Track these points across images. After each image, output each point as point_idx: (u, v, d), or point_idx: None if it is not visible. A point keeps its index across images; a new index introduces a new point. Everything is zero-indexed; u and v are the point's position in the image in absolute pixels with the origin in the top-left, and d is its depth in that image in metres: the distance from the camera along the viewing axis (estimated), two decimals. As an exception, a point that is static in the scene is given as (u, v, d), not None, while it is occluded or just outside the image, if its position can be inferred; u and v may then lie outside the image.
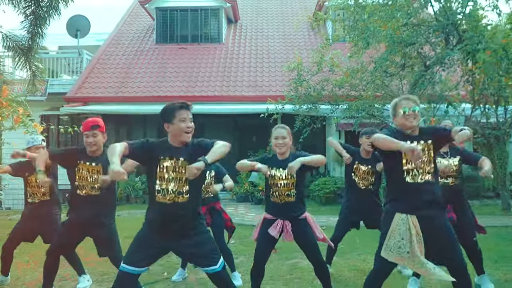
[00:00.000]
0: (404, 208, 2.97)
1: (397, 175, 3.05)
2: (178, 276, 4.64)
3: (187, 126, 2.90)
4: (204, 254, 2.92)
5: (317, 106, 10.08)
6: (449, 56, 7.13)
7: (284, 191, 3.56)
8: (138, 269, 2.86)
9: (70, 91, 12.71)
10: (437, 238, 2.95)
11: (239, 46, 14.94)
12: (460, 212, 3.97)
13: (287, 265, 4.89)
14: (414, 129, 3.07)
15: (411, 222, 2.91)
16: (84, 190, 3.71)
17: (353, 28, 8.58)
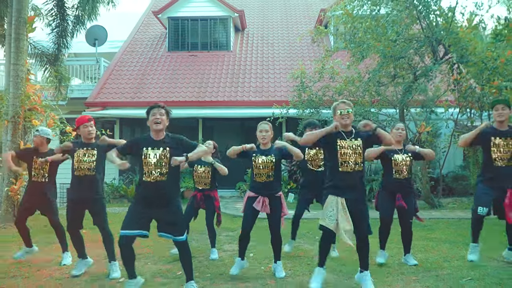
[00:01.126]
0: (336, 192, 3.93)
1: (333, 164, 4.00)
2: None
3: (155, 118, 3.91)
4: (174, 222, 3.89)
5: (319, 110, 10.97)
6: (431, 70, 8.05)
7: (265, 172, 4.55)
8: (132, 231, 3.81)
9: (90, 96, 13.69)
10: (356, 214, 3.90)
11: (246, 54, 15.89)
12: (407, 200, 4.88)
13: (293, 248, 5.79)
14: (347, 126, 4.00)
15: (340, 202, 3.88)
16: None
17: (351, 41, 9.50)
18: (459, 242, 5.93)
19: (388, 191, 4.92)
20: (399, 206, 4.82)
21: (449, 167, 11.91)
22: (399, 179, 4.88)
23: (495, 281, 4.12)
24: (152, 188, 3.86)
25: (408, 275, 4.43)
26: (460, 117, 9.71)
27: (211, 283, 4.37)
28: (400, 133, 4.98)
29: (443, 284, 4.09)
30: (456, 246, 5.77)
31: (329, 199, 3.96)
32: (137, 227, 3.82)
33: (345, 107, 4.00)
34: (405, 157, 4.91)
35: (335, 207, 3.89)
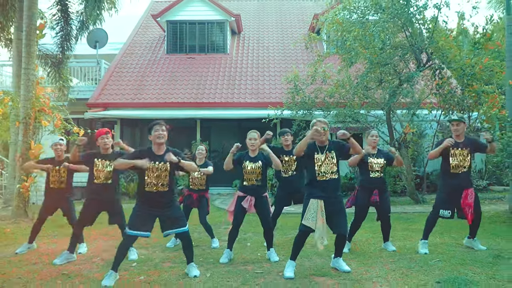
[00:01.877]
0: (316, 196, 4.53)
1: (312, 174, 4.60)
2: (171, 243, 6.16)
3: (158, 133, 4.48)
4: (176, 217, 4.52)
5: (311, 112, 11.60)
6: (414, 76, 8.71)
7: (253, 177, 5.20)
8: (142, 233, 4.42)
9: (91, 97, 14.22)
10: (335, 215, 4.53)
11: (242, 56, 16.50)
12: (382, 196, 5.55)
13: (284, 239, 6.42)
14: (324, 142, 4.61)
15: (319, 205, 4.49)
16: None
17: (341, 48, 10.14)
18: (435, 232, 6.53)
19: (366, 188, 5.57)
20: (374, 200, 5.47)
21: (433, 166, 12.57)
22: (376, 177, 5.55)
23: (459, 261, 4.77)
24: (154, 197, 4.44)
25: (386, 258, 5.07)
26: (443, 118, 10.37)
27: (215, 266, 4.99)
28: (374, 140, 5.68)
29: (415, 265, 4.73)
30: (432, 235, 6.37)
31: (310, 202, 4.57)
32: (144, 229, 4.44)
33: (321, 125, 4.58)
34: (378, 160, 5.58)
35: (315, 209, 4.50)
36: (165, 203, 4.48)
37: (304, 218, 4.56)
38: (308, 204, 4.56)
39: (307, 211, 4.56)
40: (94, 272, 4.81)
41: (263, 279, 4.42)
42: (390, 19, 8.91)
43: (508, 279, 4.12)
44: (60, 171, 5.94)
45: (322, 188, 4.55)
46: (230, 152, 5.21)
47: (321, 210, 4.48)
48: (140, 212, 4.46)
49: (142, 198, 4.49)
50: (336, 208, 4.56)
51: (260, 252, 5.59)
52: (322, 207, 4.49)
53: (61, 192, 5.97)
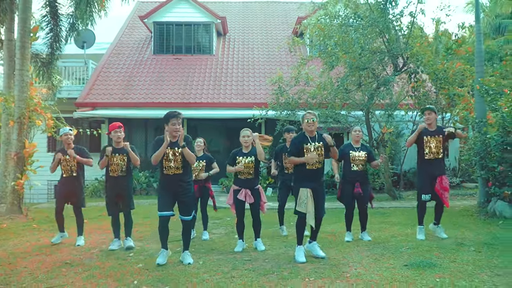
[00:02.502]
0: (305, 185, 5.05)
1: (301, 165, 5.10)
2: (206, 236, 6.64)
3: (175, 128, 4.92)
4: (188, 204, 5.05)
5: (295, 112, 12.11)
6: (389, 80, 9.30)
7: (247, 171, 5.67)
8: (167, 213, 4.96)
9: (79, 97, 14.50)
10: (317, 201, 5.05)
11: (227, 57, 16.93)
12: (363, 188, 6.08)
13: (270, 231, 6.90)
14: (313, 132, 5.08)
15: (309, 193, 5.01)
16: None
17: (323, 52, 10.68)
18: (407, 224, 7.16)
19: (348, 181, 6.08)
20: (357, 192, 5.99)
21: (410, 164, 13.21)
22: (357, 170, 6.06)
23: (426, 249, 5.32)
24: (172, 179, 4.94)
25: (362, 246, 5.59)
26: (419, 119, 10.99)
27: (206, 254, 5.45)
28: (357, 134, 6.19)
29: (387, 252, 5.26)
30: (404, 227, 6.99)
31: (301, 192, 5.08)
32: (169, 208, 4.98)
33: (310, 117, 5.09)
34: (361, 154, 6.09)
35: (306, 196, 5.02)
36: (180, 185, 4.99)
37: (297, 205, 5.08)
38: (299, 194, 5.07)
39: (298, 199, 5.07)
40: (94, 261, 5.22)
41: (251, 265, 4.89)
42: (368, 26, 9.47)
43: (467, 262, 4.67)
44: (69, 160, 6.30)
45: (310, 176, 5.05)
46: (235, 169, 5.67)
47: (311, 196, 5.00)
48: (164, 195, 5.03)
49: (162, 182, 5.09)
50: (320, 194, 5.09)
51: (247, 243, 6.06)
52: (311, 194, 5.01)
53: (72, 180, 6.33)
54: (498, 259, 4.81)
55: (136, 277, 4.49)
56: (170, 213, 5.00)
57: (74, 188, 6.34)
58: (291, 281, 4.22)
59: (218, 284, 4.18)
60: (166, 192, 5.02)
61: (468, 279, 4.12)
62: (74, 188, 6.35)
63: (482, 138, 7.74)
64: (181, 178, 5.00)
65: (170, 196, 5.01)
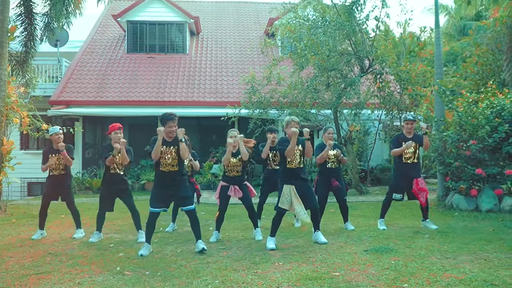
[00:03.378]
0: (289, 182, 5.54)
1: (284, 164, 5.59)
2: (170, 228, 6.99)
3: (171, 130, 5.31)
4: (187, 196, 5.41)
5: (267, 111, 12.55)
6: (355, 82, 9.86)
7: (235, 169, 6.08)
8: (159, 209, 5.28)
9: (53, 95, 14.53)
10: (305, 195, 5.53)
11: (201, 57, 17.22)
12: (339, 182, 6.58)
13: (242, 224, 7.30)
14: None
15: (292, 189, 5.49)
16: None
17: (294, 53, 11.14)
18: (370, 216, 7.69)
19: (325, 177, 6.55)
20: (335, 186, 6.48)
21: (377, 161, 13.88)
22: (332, 168, 6.55)
23: (385, 237, 5.84)
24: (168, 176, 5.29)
25: (327, 236, 6.03)
26: (384, 117, 11.60)
27: (183, 244, 5.81)
28: (330, 136, 6.63)
29: (350, 240, 5.75)
30: (367, 219, 7.52)
31: (284, 188, 5.53)
32: (161, 206, 5.31)
33: (296, 126, 5.54)
34: (335, 152, 6.57)
35: (289, 194, 5.47)
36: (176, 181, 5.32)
37: (280, 201, 5.53)
38: (283, 190, 5.51)
39: (282, 195, 5.52)
40: (77, 251, 5.50)
41: (225, 252, 5.28)
42: (336, 29, 9.98)
43: (420, 248, 5.18)
44: (60, 158, 6.46)
45: (292, 175, 5.53)
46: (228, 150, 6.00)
47: (294, 193, 5.45)
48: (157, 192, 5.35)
49: (158, 178, 5.39)
50: (304, 189, 5.55)
51: (222, 234, 6.43)
52: (294, 191, 5.47)
53: (61, 178, 6.51)
54: (448, 245, 5.34)
55: (118, 263, 4.81)
56: (161, 209, 5.35)
57: (64, 185, 6.55)
58: (262, 265, 4.63)
59: (195, 269, 4.55)
60: (161, 188, 5.34)
61: (420, 261, 4.61)
62: (65, 185, 6.55)
63: (440, 135, 8.34)
64: (177, 174, 5.34)
65: (166, 193, 5.32)
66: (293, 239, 5.97)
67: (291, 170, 5.55)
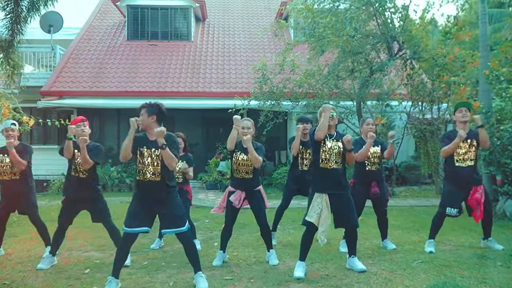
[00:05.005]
0: (320, 189, 4.22)
1: (316, 161, 4.28)
2: (156, 245, 5.67)
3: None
4: (176, 215, 3.94)
5: (280, 102, 11.19)
6: (387, 65, 8.40)
7: (244, 169, 4.72)
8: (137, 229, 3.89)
9: (45, 85, 13.28)
10: (342, 208, 4.24)
11: (207, 44, 15.86)
12: (380, 187, 5.21)
13: (254, 237, 6.00)
14: (332, 128, 4.32)
15: (325, 199, 4.18)
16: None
17: (311, 35, 9.74)
18: (410, 228, 6.33)
19: (362, 181, 5.19)
20: (374, 193, 5.12)
21: (402, 158, 12.47)
22: (372, 170, 5.19)
23: (443, 263, 4.48)
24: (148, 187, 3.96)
25: (365, 259, 4.70)
26: (413, 110, 10.19)
27: (179, 271, 4.48)
28: (371, 128, 5.22)
29: (397, 267, 4.40)
30: (407, 231, 6.16)
31: (315, 197, 4.22)
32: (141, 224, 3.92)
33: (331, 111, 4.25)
34: (376, 149, 5.20)
35: (320, 205, 4.15)
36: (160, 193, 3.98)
37: (308, 214, 4.23)
38: (313, 199, 4.24)
39: (311, 206, 4.23)
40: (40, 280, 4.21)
41: (233, 286, 3.96)
42: (362, 5, 8.55)
43: (500, 285, 3.82)
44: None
45: (327, 178, 4.25)
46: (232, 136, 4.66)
47: (326, 204, 4.17)
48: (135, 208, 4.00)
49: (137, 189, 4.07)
50: (342, 201, 4.25)
51: (229, 254, 5.12)
52: (327, 201, 4.18)
53: (14, 185, 5.15)
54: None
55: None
56: (140, 229, 3.91)
57: (19, 194, 5.17)
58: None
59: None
60: (140, 203, 3.97)
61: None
62: (21, 194, 5.17)
63: (492, 130, 6.93)
64: (160, 186, 3.96)
65: (146, 208, 3.95)
66: (321, 264, 4.64)
67: (326, 172, 4.22)
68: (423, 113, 9.95)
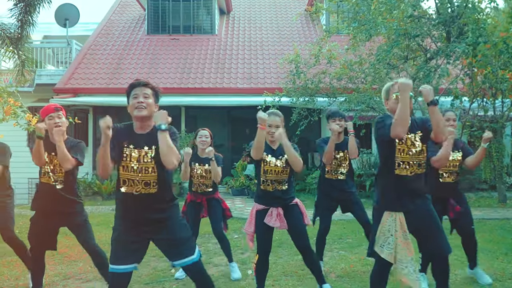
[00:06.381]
0: (392, 205, 2.95)
1: (387, 167, 2.99)
2: (181, 273, 4.50)
3: (137, 101, 2.72)
4: (181, 239, 2.72)
5: (314, 98, 9.97)
6: (455, 48, 7.05)
7: (276, 178, 3.50)
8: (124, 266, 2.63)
9: (59, 82, 12.39)
10: (426, 230, 2.96)
11: (232, 38, 14.75)
12: (460, 203, 3.92)
13: (296, 260, 4.80)
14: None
15: (399, 219, 2.90)
16: None
17: (353, 20, 8.47)
18: (494, 251, 5.00)
19: (436, 196, 3.85)
20: (456, 212, 3.84)
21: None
22: (447, 182, 3.92)
23: None
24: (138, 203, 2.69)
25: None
26: (472, 105, 8.80)
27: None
28: (452, 124, 3.88)
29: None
30: (492, 255, 4.84)
31: (384, 217, 2.95)
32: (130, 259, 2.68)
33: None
34: (456, 155, 3.91)
35: (393, 228, 2.88)
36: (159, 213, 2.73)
37: (375, 241, 2.97)
38: (382, 220, 2.96)
39: (379, 231, 2.96)
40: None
41: None
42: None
43: None
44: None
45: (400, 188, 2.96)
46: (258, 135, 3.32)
47: (402, 228, 2.89)
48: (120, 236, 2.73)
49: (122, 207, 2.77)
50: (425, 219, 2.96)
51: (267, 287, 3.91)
52: (403, 222, 2.90)
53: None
54: None
55: None
56: (129, 267, 2.65)
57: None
58: None
59: None
60: (127, 227, 2.71)
61: None
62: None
63: None
64: (156, 201, 2.71)
65: (136, 236, 2.69)
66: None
67: (402, 181, 2.95)
68: (486, 109, 8.55)
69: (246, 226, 3.65)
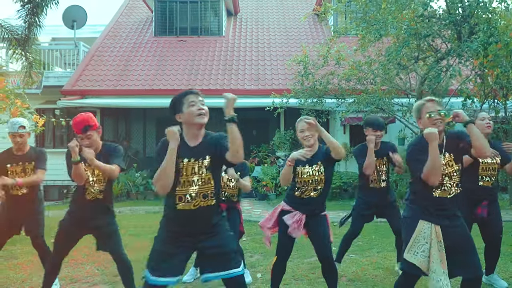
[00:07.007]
0: (430, 216, 2.85)
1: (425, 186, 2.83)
2: (189, 276, 4.43)
3: (198, 109, 2.63)
4: (229, 251, 2.61)
5: (323, 100, 9.89)
6: (468, 47, 6.92)
7: (312, 187, 3.40)
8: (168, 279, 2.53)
9: (66, 83, 12.40)
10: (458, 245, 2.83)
11: (239, 39, 14.70)
12: (492, 208, 3.82)
13: (307, 264, 4.71)
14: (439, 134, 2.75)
15: (434, 230, 2.80)
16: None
17: (363, 20, 8.37)
18: (509, 254, 4.88)
19: (469, 199, 3.70)
20: (481, 214, 3.75)
21: (463, 162, 10.91)
22: (484, 186, 3.83)
23: None
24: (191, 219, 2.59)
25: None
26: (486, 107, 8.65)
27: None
28: (488, 123, 3.81)
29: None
30: (508, 259, 4.71)
31: (420, 225, 2.84)
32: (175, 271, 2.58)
33: (435, 107, 2.87)
34: (496, 159, 3.82)
35: (429, 236, 2.79)
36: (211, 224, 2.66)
37: (407, 250, 2.85)
38: (416, 229, 2.85)
39: (412, 240, 2.84)
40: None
41: None
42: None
43: None
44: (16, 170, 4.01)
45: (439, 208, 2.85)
46: (287, 164, 3.30)
47: (438, 238, 2.79)
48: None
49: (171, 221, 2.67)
50: (458, 235, 2.85)
51: None
52: (439, 233, 2.80)
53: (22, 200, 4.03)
54: None
55: None
56: (172, 280, 2.55)
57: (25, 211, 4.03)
58: None
59: None
60: (177, 240, 2.59)
61: None
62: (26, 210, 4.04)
63: None
64: (213, 212, 2.64)
65: (182, 247, 2.59)
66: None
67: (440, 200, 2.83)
68: (497, 110, 8.40)
69: (263, 221, 3.59)
